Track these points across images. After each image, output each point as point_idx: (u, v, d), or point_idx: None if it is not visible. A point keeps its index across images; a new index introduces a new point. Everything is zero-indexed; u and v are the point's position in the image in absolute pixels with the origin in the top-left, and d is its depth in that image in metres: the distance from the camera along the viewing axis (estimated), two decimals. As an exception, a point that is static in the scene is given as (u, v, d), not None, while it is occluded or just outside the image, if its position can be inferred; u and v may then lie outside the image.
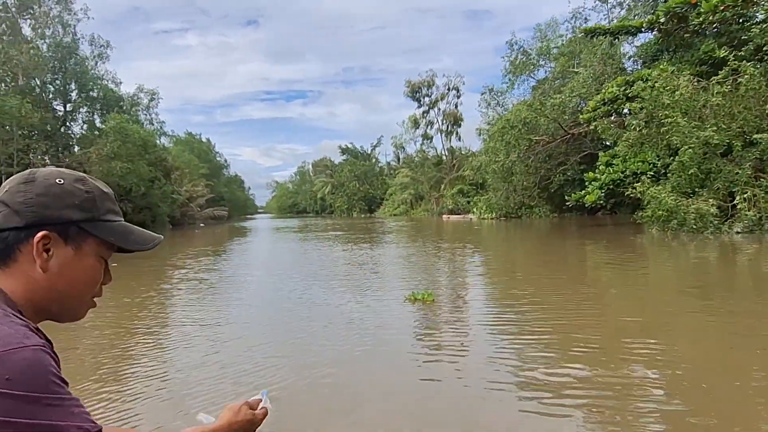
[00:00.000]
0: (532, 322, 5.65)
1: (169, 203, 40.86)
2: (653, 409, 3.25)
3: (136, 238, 0.96)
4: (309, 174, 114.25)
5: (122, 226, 0.95)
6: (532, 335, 5.07)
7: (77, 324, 6.34)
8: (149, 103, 43.77)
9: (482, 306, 6.98)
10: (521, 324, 5.63)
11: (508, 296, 7.41)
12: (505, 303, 6.95)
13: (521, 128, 30.69)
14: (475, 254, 14.10)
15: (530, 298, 6.94)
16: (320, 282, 9.19)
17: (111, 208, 0.95)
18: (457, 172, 54.33)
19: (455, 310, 6.55)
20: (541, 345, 4.65)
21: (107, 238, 0.92)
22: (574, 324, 5.43)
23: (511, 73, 42.83)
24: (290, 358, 4.52)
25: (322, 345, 4.98)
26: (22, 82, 31.48)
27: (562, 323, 5.49)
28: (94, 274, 0.94)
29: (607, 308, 6.40)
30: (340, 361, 4.44)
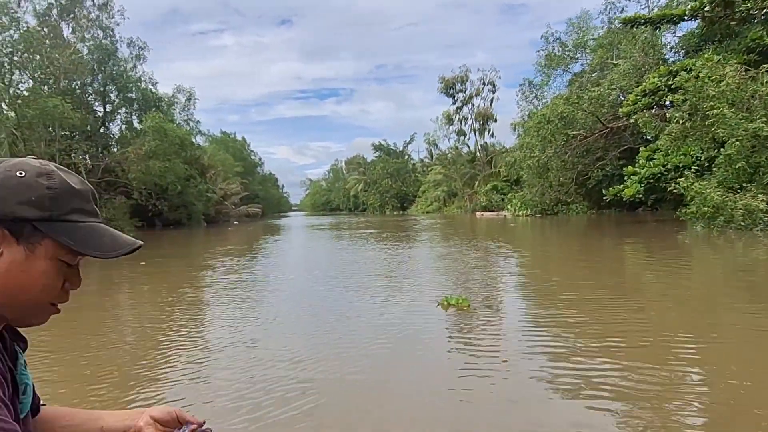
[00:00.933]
0: (571, 333, 4.94)
1: (204, 201, 41.59)
2: (698, 416, 2.99)
3: (100, 243, 0.85)
4: (342, 172, 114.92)
5: (89, 228, 0.85)
6: (573, 350, 4.42)
7: (110, 322, 6.39)
8: (186, 103, 44.57)
9: (520, 315, 6.11)
10: (560, 336, 4.93)
11: (547, 302, 6.66)
12: (543, 311, 6.22)
13: (558, 123, 29.94)
14: (511, 254, 13.29)
15: (569, 305, 6.26)
16: (349, 282, 8.75)
17: (78, 208, 0.85)
18: (492, 168, 53.57)
19: (492, 319, 5.76)
20: (582, 361, 4.06)
21: (63, 241, 0.82)
22: (616, 334, 4.86)
23: (546, 66, 41.94)
24: (311, 364, 4.24)
25: (345, 351, 4.63)
26: (64, 84, 32.44)
27: (603, 332, 4.95)
28: (48, 278, 0.84)
29: (650, 313, 5.80)
30: (365, 369, 4.11)
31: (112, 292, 9.23)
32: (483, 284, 8.25)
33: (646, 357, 4.09)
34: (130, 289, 9.52)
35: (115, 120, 38.65)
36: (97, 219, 0.89)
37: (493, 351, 4.49)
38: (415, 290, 7.76)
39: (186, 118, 44.17)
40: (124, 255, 0.87)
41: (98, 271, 10.93)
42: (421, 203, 67.35)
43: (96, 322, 6.38)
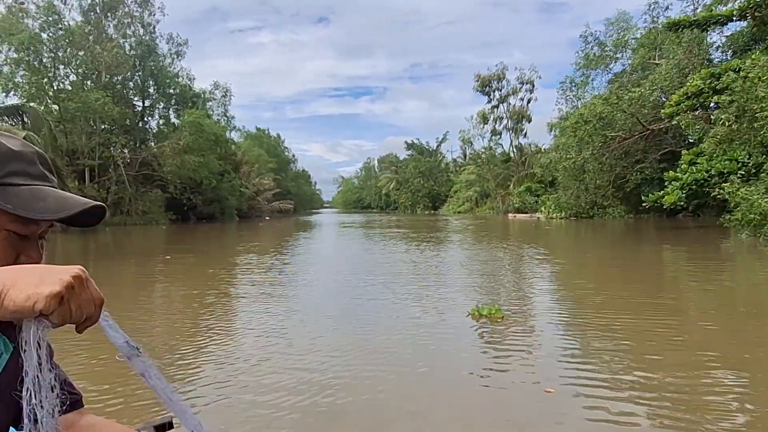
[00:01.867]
0: (610, 354, 4.38)
1: (237, 196, 42.19)
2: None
3: (44, 205, 0.75)
4: (374, 170, 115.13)
5: (31, 191, 0.76)
6: (611, 373, 3.90)
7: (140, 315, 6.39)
8: (222, 99, 45.29)
9: (557, 329, 5.39)
10: (602, 358, 4.31)
11: (585, 316, 5.95)
12: (582, 327, 5.51)
13: (595, 123, 29.14)
14: (546, 260, 12.46)
15: (609, 320, 5.62)
16: (375, 286, 8.26)
17: (18, 170, 0.77)
18: (526, 169, 52.65)
19: (527, 334, 5.22)
20: (626, 388, 3.58)
21: (2, 206, 0.74)
22: (655, 351, 4.44)
23: (584, 67, 40.93)
24: (330, 374, 3.96)
25: (368, 367, 4.17)
26: (105, 79, 33.30)
27: (642, 349, 4.52)
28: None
29: (693, 331, 5.37)
30: (389, 389, 3.72)
31: (149, 281, 9.30)
32: (517, 293, 7.70)
33: (692, 382, 3.76)
34: (166, 280, 9.57)
35: (153, 115, 39.52)
36: (46, 182, 0.80)
37: (529, 371, 4.00)
38: (445, 297, 7.21)
39: (221, 114, 44.88)
40: (74, 215, 0.76)
41: (129, 267, 11.06)
42: (452, 203, 66.74)
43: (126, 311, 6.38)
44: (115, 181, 32.75)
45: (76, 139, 30.80)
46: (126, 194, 32.84)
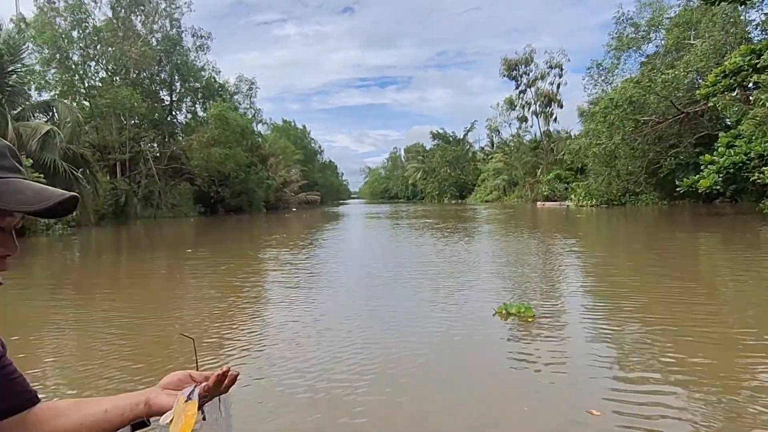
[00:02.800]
0: (655, 366, 3.76)
1: (264, 188, 42.51)
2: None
3: (20, 197, 0.77)
4: (401, 159, 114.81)
5: (7, 184, 0.77)
6: (657, 390, 3.31)
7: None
8: (247, 92, 45.57)
9: (594, 331, 4.74)
10: (641, 364, 3.82)
11: (624, 314, 5.30)
12: (620, 327, 4.83)
13: (627, 108, 28.28)
14: (578, 251, 11.57)
15: (652, 319, 5.05)
16: (399, 280, 7.76)
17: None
18: (555, 156, 51.63)
19: (561, 335, 4.65)
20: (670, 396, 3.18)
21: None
22: (703, 360, 3.88)
23: (616, 49, 39.71)
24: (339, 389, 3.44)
25: (386, 374, 3.72)
26: (134, 75, 33.79)
27: (690, 356, 3.95)
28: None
29: (732, 329, 4.84)
30: (407, 393, 3.38)
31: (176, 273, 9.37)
32: (548, 288, 7.03)
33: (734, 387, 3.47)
34: (195, 272, 9.62)
35: (180, 109, 40.03)
36: (19, 175, 0.80)
37: (568, 385, 3.45)
38: (470, 292, 6.70)
39: (248, 107, 45.18)
40: (51, 207, 0.77)
41: (161, 258, 11.15)
42: (480, 192, 66.04)
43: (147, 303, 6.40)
44: (145, 175, 33.31)
45: (107, 135, 31.39)
46: (156, 188, 33.39)
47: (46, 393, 3.45)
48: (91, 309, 6.45)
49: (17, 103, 23.45)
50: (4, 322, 5.82)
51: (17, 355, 4.48)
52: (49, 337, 5.20)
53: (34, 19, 30.09)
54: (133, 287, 8.36)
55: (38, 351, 4.59)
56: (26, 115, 22.51)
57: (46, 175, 18.69)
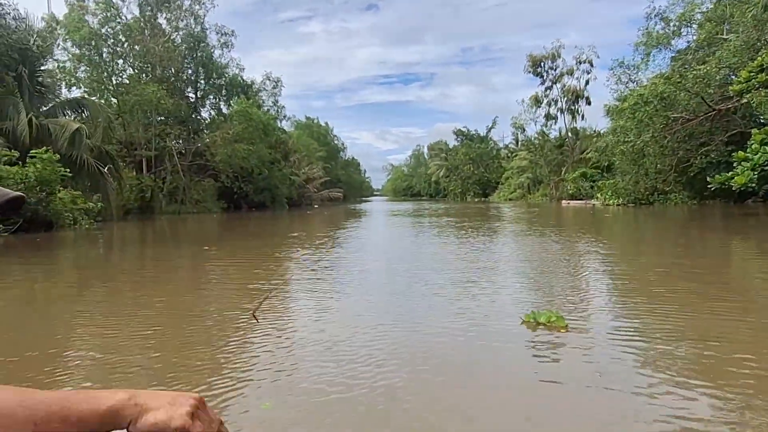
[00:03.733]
0: (709, 392, 3.18)
1: (287, 185, 42.74)
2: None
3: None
4: (424, 157, 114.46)
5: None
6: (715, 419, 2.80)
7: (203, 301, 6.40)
8: (272, 90, 45.86)
9: (635, 347, 4.10)
10: (691, 387, 3.25)
11: (666, 330, 4.60)
12: (665, 342, 4.22)
13: (656, 104, 27.58)
14: (610, 253, 10.76)
15: (696, 341, 4.22)
16: (419, 281, 7.17)
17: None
18: (581, 154, 50.76)
19: (599, 348, 4.10)
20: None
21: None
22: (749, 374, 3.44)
23: (646, 45, 38.77)
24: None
25: (395, 390, 3.31)
26: (160, 72, 34.25)
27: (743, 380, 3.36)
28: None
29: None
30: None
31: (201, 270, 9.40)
32: (579, 295, 6.33)
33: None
34: (218, 269, 9.64)
35: (205, 106, 40.47)
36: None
37: (607, 402, 3.08)
38: (495, 297, 6.16)
39: (272, 104, 45.48)
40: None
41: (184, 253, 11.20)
42: (503, 190, 65.39)
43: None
44: (170, 171, 33.75)
45: (134, 131, 31.88)
46: (180, 184, 33.82)
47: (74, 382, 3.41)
48: (113, 300, 6.47)
49: (48, 100, 23.99)
50: (30, 313, 5.90)
51: (46, 347, 4.56)
52: (76, 328, 5.23)
53: (64, 17, 30.69)
54: (151, 281, 8.39)
55: (65, 342, 4.59)
56: (56, 111, 22.96)
57: (73, 170, 19.05)
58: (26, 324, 5.53)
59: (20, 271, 9.86)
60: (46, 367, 3.86)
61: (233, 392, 3.27)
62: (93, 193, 21.66)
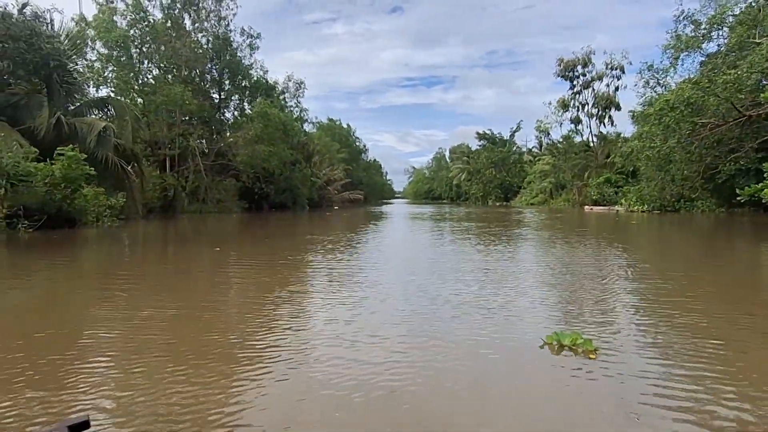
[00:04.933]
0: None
1: (308, 186, 42.92)
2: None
3: None
4: (445, 160, 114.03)
5: None
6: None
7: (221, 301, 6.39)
8: (296, 91, 46.15)
9: (676, 375, 3.67)
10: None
11: (712, 353, 4.19)
12: (715, 375, 3.71)
13: (684, 110, 26.95)
14: (641, 265, 9.69)
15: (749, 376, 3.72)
16: (434, 297, 6.39)
17: None
18: (605, 159, 49.92)
19: (632, 380, 3.58)
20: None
21: None
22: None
23: (674, 48, 37.97)
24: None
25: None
26: (185, 73, 34.71)
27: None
28: None
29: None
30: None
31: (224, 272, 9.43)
32: (609, 312, 5.64)
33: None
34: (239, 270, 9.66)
35: (228, 106, 40.90)
36: None
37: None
38: (514, 313, 5.55)
39: (295, 106, 45.76)
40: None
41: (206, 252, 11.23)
42: (525, 194, 64.73)
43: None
44: (192, 171, 34.14)
45: (158, 131, 32.33)
46: (202, 183, 34.17)
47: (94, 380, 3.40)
48: (133, 297, 6.50)
49: (76, 99, 24.45)
50: (51, 300, 5.97)
51: (64, 326, 4.61)
52: (98, 323, 5.32)
53: (94, 18, 31.31)
54: (169, 279, 8.43)
55: (81, 322, 4.62)
56: (83, 110, 23.39)
57: (98, 169, 19.37)
58: (49, 308, 6.18)
59: (44, 264, 10.06)
60: (64, 341, 4.57)
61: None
62: (117, 191, 22.00)
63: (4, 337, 4.74)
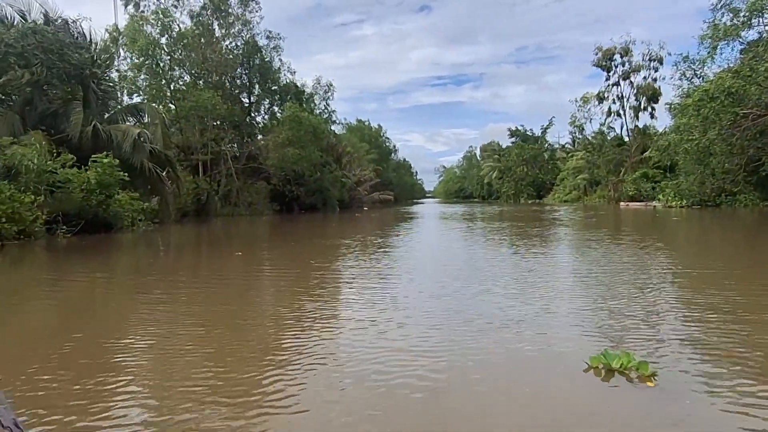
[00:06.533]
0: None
1: (338, 187, 43.08)
2: None
3: None
4: (476, 158, 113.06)
5: None
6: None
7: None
8: (324, 94, 46.37)
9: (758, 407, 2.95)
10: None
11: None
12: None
13: (723, 100, 26.00)
14: (693, 268, 8.65)
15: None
16: (462, 309, 5.56)
17: None
18: (641, 154, 48.53)
19: (702, 410, 2.97)
20: None
21: None
22: None
23: (711, 37, 36.65)
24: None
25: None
26: (215, 79, 35.28)
27: None
28: None
29: None
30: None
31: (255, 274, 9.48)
32: (662, 327, 4.70)
33: None
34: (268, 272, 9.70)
35: (259, 110, 41.41)
36: None
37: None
38: (551, 330, 4.67)
39: (323, 108, 45.98)
40: None
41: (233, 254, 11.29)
42: (558, 192, 63.55)
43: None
44: (224, 174, 34.66)
45: (190, 136, 32.94)
46: (234, 186, 34.66)
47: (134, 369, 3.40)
48: (165, 295, 6.57)
49: (110, 107, 25.12)
50: (89, 303, 6.08)
51: (102, 328, 4.67)
52: (134, 324, 5.43)
53: (125, 28, 32.12)
54: (205, 282, 8.49)
55: (118, 325, 4.66)
56: (116, 117, 23.98)
57: (132, 174, 19.81)
58: (86, 311, 6.42)
59: (82, 267, 10.32)
60: (101, 339, 4.73)
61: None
62: (152, 195, 22.47)
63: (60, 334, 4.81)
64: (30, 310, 6.51)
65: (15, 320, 5.88)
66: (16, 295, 7.74)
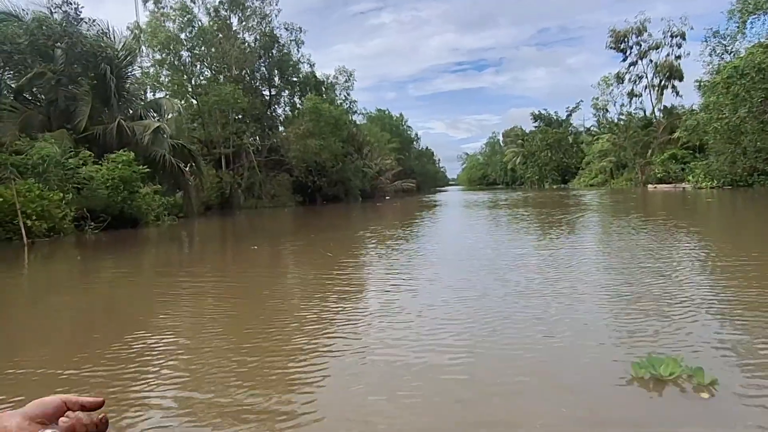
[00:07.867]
0: None
1: (360, 177, 43.09)
2: None
3: None
4: (499, 144, 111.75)
5: None
6: None
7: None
8: (344, 84, 46.27)
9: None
10: None
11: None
12: None
13: (755, 76, 25.09)
14: (739, 256, 7.62)
15: None
16: (483, 309, 4.99)
17: None
18: (670, 134, 47.22)
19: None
20: None
21: None
22: None
23: (741, 11, 35.35)
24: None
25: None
26: (235, 73, 35.51)
27: None
28: None
29: None
30: None
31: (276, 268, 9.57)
32: (712, 326, 4.15)
33: None
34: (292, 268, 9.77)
35: (279, 102, 41.59)
36: None
37: None
38: (584, 330, 4.17)
39: (344, 98, 45.95)
40: None
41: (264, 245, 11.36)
42: (584, 176, 62.39)
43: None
44: (247, 167, 34.98)
45: (213, 130, 33.29)
46: (256, 179, 34.96)
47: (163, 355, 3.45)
48: (191, 290, 6.67)
49: (133, 103, 25.48)
50: (118, 297, 6.23)
51: (129, 323, 4.78)
52: (161, 315, 5.66)
53: (146, 25, 32.51)
54: (231, 273, 8.59)
55: (153, 324, 4.75)
56: (139, 113, 24.33)
57: (154, 168, 20.11)
58: (114, 305, 6.64)
59: (111, 262, 10.61)
60: (130, 334, 4.68)
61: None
62: (176, 189, 22.80)
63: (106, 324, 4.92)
64: (99, 291, 6.72)
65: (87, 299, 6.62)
66: (67, 286, 7.94)
